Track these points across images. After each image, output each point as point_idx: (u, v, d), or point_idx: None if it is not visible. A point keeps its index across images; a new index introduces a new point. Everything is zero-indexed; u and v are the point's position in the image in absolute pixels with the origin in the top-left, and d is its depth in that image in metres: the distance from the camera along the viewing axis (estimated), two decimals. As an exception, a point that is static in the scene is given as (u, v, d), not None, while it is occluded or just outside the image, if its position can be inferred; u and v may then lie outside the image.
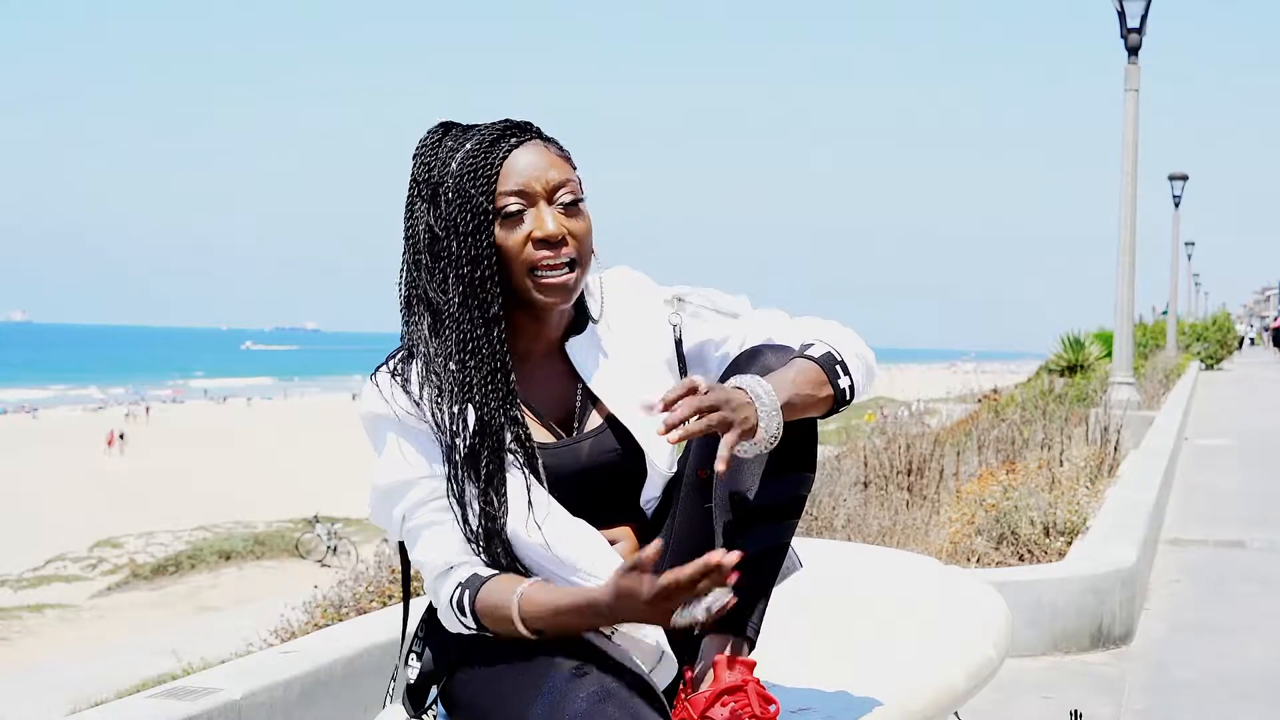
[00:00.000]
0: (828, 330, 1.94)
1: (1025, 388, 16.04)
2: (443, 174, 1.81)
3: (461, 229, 1.79)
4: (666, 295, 2.01)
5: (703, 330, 1.99)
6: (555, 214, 1.82)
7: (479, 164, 1.80)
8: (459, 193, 1.79)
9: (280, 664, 3.13)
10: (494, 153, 1.81)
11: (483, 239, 1.79)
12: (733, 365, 1.91)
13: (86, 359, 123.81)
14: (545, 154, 1.83)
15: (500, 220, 1.80)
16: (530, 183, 1.81)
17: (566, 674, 1.68)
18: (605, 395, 1.90)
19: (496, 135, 1.82)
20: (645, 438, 1.90)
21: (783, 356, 1.87)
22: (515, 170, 1.81)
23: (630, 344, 1.95)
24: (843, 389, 1.85)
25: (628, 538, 1.92)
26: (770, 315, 2.00)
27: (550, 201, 1.82)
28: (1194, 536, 7.58)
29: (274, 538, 25.24)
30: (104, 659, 15.49)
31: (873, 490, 6.66)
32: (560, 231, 1.80)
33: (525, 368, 1.90)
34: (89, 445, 42.54)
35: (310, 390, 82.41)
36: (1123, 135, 13.92)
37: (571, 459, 1.87)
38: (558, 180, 1.82)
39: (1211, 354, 35.43)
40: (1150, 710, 4.21)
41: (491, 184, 1.79)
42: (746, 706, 1.74)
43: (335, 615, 5.26)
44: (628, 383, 1.92)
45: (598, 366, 1.92)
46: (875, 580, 2.88)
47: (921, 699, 2.08)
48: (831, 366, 1.85)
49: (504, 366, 1.81)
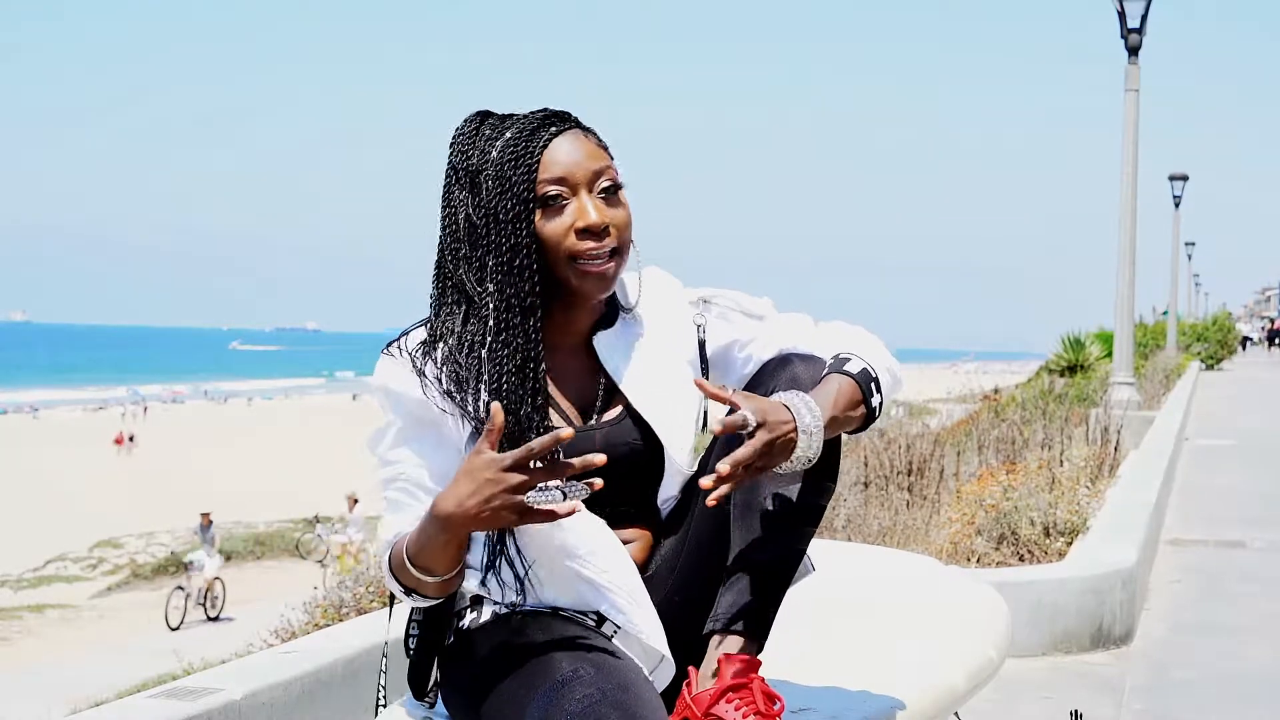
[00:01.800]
0: (856, 340, 1.93)
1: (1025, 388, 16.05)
2: (482, 161, 1.81)
3: (502, 217, 1.79)
4: (692, 296, 2.01)
5: (729, 331, 1.99)
6: (597, 203, 1.82)
7: (520, 151, 1.79)
8: (500, 180, 1.79)
9: (280, 664, 3.13)
10: (535, 141, 1.80)
11: (523, 227, 1.79)
12: (761, 372, 1.91)
13: (86, 359, 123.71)
14: (585, 143, 1.83)
15: (541, 209, 1.80)
16: (572, 171, 1.81)
17: (564, 674, 1.67)
18: (628, 388, 1.90)
19: (537, 124, 1.82)
20: (666, 433, 1.90)
21: (812, 367, 1.87)
22: (556, 158, 1.81)
23: (656, 341, 1.95)
24: (874, 407, 1.85)
25: (641, 538, 1.92)
26: (795, 319, 2.00)
27: (591, 190, 1.82)
28: (1194, 537, 7.58)
29: (274, 538, 25.25)
30: (104, 659, 15.49)
31: (873, 490, 6.65)
32: (603, 220, 1.81)
33: (553, 358, 1.89)
34: (88, 445, 42.53)
35: (310, 391, 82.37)
36: (1123, 135, 13.91)
37: (586, 447, 1.86)
38: (598, 168, 1.82)
39: (1212, 354, 35.43)
40: (1150, 710, 4.20)
41: (533, 172, 1.79)
42: (751, 704, 1.74)
43: (335, 615, 5.26)
44: (651, 378, 1.92)
45: (623, 360, 1.92)
46: (875, 580, 2.88)
47: (921, 699, 2.07)
48: (867, 384, 1.84)
49: (536, 356, 1.81)
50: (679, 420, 1.92)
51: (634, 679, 1.70)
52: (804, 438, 1.74)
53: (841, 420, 1.81)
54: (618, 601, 1.81)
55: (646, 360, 1.93)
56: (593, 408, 1.91)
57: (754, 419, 1.71)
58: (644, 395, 1.90)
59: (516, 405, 1.79)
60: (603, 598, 1.81)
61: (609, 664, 1.71)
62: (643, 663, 1.81)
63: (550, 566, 1.81)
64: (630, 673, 1.72)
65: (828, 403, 1.79)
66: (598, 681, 1.66)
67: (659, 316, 1.97)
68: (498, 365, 1.79)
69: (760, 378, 1.91)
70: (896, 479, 6.72)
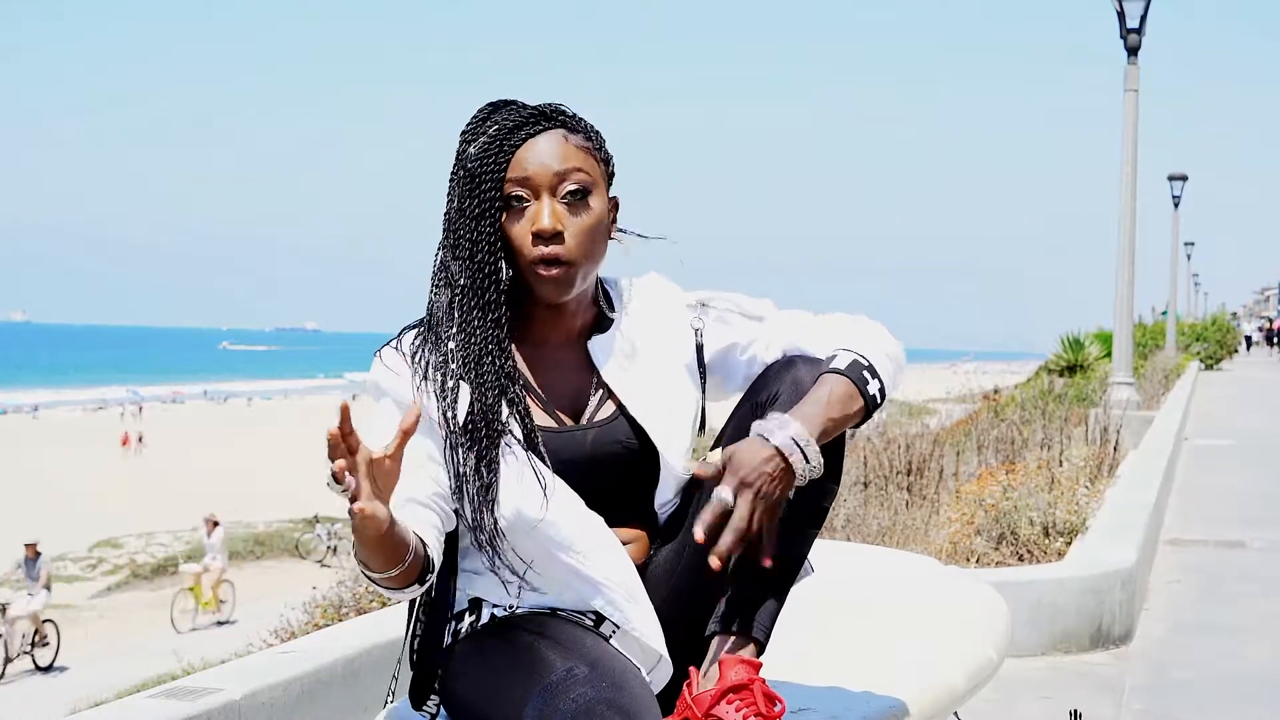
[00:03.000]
0: (854, 330, 1.92)
1: (1025, 388, 16.06)
2: (466, 155, 1.82)
3: (468, 212, 1.81)
4: (690, 300, 2.00)
5: (728, 334, 1.98)
6: (555, 208, 1.81)
7: (493, 150, 1.80)
8: (472, 176, 1.81)
9: (280, 664, 3.13)
10: (510, 140, 1.81)
11: (485, 225, 1.80)
12: (764, 375, 1.91)
13: (86, 359, 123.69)
14: (562, 144, 1.82)
15: (507, 209, 1.81)
16: (536, 173, 1.80)
17: (562, 674, 1.67)
18: (620, 390, 1.90)
19: (520, 122, 1.82)
20: (660, 434, 1.89)
21: (814, 369, 1.86)
22: (525, 160, 1.81)
23: (651, 345, 1.94)
24: (873, 395, 1.83)
25: (639, 539, 1.91)
26: (795, 316, 1.98)
27: (555, 194, 1.82)
28: (1194, 537, 7.58)
29: (274, 538, 25.24)
30: (104, 659, 15.50)
31: (872, 490, 6.65)
32: (554, 226, 1.80)
33: (541, 354, 1.90)
34: (88, 445, 42.50)
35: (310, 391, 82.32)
36: (1122, 135, 13.91)
37: (577, 445, 1.87)
38: (564, 170, 1.81)
39: (1211, 354, 35.43)
40: (1150, 710, 4.20)
41: (501, 171, 1.80)
42: (752, 705, 1.74)
43: (335, 615, 5.26)
44: (645, 380, 1.91)
45: (616, 362, 1.91)
46: (875, 580, 2.88)
47: (921, 699, 2.08)
48: (859, 374, 1.82)
49: (500, 349, 1.81)
50: (674, 423, 1.92)
51: (629, 678, 1.70)
52: (794, 457, 1.74)
53: (840, 419, 1.80)
54: (615, 598, 1.81)
55: (641, 363, 1.92)
56: (585, 408, 1.91)
57: (729, 493, 1.72)
58: (637, 397, 1.90)
59: (484, 395, 1.79)
60: (600, 594, 1.81)
61: (604, 663, 1.71)
62: (640, 663, 1.81)
63: (547, 564, 1.81)
64: (626, 672, 1.72)
65: (818, 411, 1.78)
66: (593, 680, 1.66)
67: (655, 321, 1.96)
68: (467, 355, 1.80)
69: (764, 380, 1.90)
70: (896, 479, 6.72)
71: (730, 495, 1.72)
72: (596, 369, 1.91)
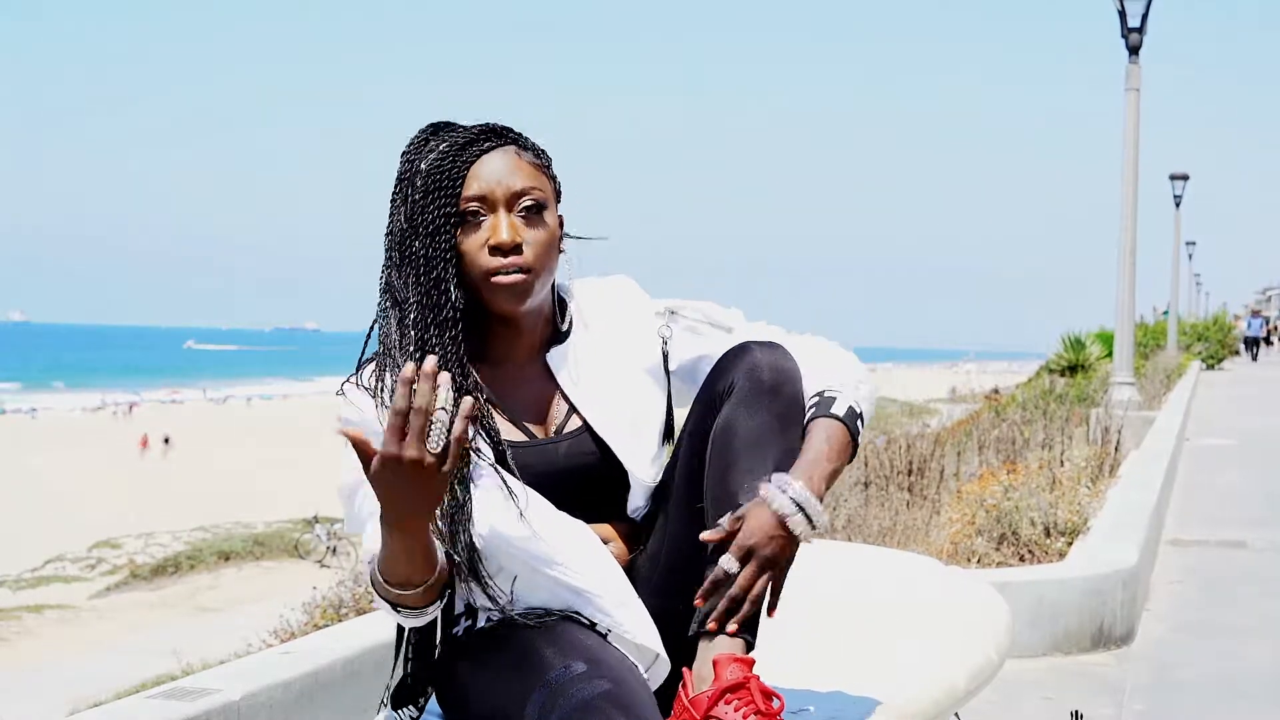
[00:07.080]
0: (833, 363, 1.92)
1: (1026, 388, 16.07)
2: (414, 172, 1.82)
3: (422, 229, 1.80)
4: (659, 308, 1.99)
5: (697, 345, 1.97)
6: (512, 221, 1.81)
7: (446, 166, 1.80)
8: (425, 193, 1.80)
9: (280, 664, 3.12)
10: (463, 156, 1.81)
11: (441, 241, 1.79)
12: (718, 366, 1.87)
13: (86, 359, 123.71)
14: (514, 161, 1.83)
15: (461, 225, 1.81)
16: (493, 189, 1.81)
17: (560, 673, 1.67)
18: (580, 401, 1.89)
19: (470, 139, 1.83)
20: (622, 446, 1.89)
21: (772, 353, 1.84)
22: (480, 175, 1.81)
23: (613, 353, 1.93)
24: (859, 443, 1.86)
25: (615, 538, 1.91)
26: (765, 330, 1.98)
27: (511, 209, 1.82)
28: (1195, 537, 7.58)
29: (273, 538, 25.27)
30: (104, 659, 15.51)
31: (873, 490, 6.65)
32: (514, 239, 1.80)
33: (503, 371, 1.89)
34: (87, 445, 42.54)
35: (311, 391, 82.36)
36: (1123, 135, 13.91)
37: (547, 459, 1.86)
38: (520, 187, 1.82)
39: (1212, 354, 35.43)
40: (1151, 711, 4.20)
41: (455, 187, 1.80)
42: (750, 703, 1.74)
43: (335, 615, 5.27)
44: (608, 390, 1.91)
45: (576, 373, 1.90)
46: (875, 581, 2.87)
47: (922, 699, 2.07)
48: (854, 423, 1.85)
49: (460, 366, 1.80)
50: (638, 432, 1.91)
51: (628, 674, 1.71)
52: (795, 520, 1.73)
53: (839, 469, 1.82)
54: (604, 605, 1.80)
55: (602, 372, 1.91)
56: (553, 421, 1.90)
57: (735, 564, 1.73)
58: (598, 410, 1.89)
59: None
60: (589, 604, 1.80)
61: (603, 660, 1.71)
62: (637, 660, 1.80)
63: (531, 578, 1.80)
64: (624, 668, 1.72)
65: (821, 458, 1.79)
66: (592, 676, 1.66)
67: (618, 327, 1.95)
68: None
69: (720, 370, 1.86)
70: (896, 479, 6.72)
71: (735, 565, 1.74)
72: (558, 382, 1.91)
